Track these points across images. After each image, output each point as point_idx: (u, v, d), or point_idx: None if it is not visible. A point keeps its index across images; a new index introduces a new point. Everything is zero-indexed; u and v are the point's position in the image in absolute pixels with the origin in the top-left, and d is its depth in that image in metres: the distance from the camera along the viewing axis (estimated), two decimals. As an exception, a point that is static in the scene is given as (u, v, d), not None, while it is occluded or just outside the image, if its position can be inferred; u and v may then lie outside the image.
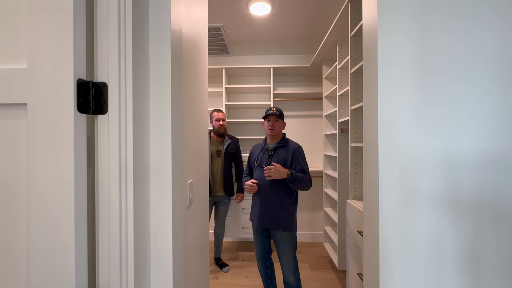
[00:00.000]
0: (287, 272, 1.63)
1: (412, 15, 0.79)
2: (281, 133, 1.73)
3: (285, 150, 1.65)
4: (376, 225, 0.81)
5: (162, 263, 0.75)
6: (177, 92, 0.80)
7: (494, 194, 0.78)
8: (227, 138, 2.43)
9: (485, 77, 0.78)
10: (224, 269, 2.39)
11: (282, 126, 1.70)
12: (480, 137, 0.78)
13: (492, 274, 0.78)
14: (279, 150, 1.67)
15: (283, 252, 1.62)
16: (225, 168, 2.37)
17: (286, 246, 1.62)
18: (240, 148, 2.54)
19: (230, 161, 2.42)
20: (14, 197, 0.58)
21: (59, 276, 0.56)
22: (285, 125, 1.73)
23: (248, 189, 1.68)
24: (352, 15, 1.74)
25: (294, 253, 1.63)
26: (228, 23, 2.42)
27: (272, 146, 1.70)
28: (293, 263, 1.63)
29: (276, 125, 1.67)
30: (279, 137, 1.72)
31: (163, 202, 0.75)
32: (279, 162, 1.62)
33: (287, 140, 1.72)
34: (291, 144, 1.68)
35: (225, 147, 2.39)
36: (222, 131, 2.35)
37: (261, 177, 1.66)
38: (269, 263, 1.78)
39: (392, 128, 0.80)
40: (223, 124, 2.36)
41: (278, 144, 1.68)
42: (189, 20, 0.94)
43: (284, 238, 1.61)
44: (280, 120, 1.68)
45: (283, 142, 1.69)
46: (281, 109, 1.74)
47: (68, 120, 0.55)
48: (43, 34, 0.55)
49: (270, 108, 1.71)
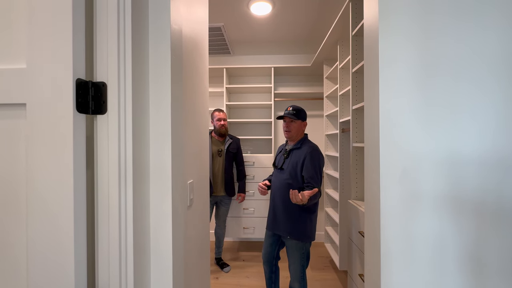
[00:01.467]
0: (293, 280, 1.59)
1: (414, 15, 0.79)
2: (301, 134, 1.64)
3: (298, 152, 1.57)
4: (378, 225, 0.80)
5: (162, 264, 0.75)
6: (177, 91, 0.80)
7: (496, 195, 0.77)
8: (228, 138, 2.43)
9: (487, 77, 0.77)
10: (225, 269, 2.39)
11: (301, 127, 1.61)
12: (482, 137, 0.77)
13: (495, 275, 0.77)
14: (294, 152, 1.60)
15: (292, 260, 1.58)
16: (226, 168, 2.37)
17: (294, 254, 1.56)
18: (241, 148, 2.54)
19: (231, 161, 2.42)
20: (13, 197, 0.57)
21: (59, 276, 0.56)
22: (305, 125, 1.63)
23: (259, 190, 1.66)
24: (353, 15, 1.73)
25: (302, 263, 1.56)
26: (229, 23, 2.41)
27: (290, 147, 1.64)
28: (300, 272, 1.57)
29: (292, 127, 1.59)
30: (297, 138, 1.63)
31: (163, 202, 0.75)
32: (291, 165, 1.56)
33: (304, 141, 1.62)
34: (306, 147, 1.58)
35: (226, 147, 2.39)
36: (223, 131, 2.35)
37: (277, 179, 1.61)
38: (274, 268, 1.72)
39: (393, 128, 0.79)
40: (225, 124, 2.37)
41: (295, 146, 1.61)
42: (189, 20, 0.94)
43: (292, 246, 1.56)
44: (298, 121, 1.59)
45: (299, 144, 1.61)
46: (300, 108, 1.63)
47: (67, 120, 0.55)
48: (42, 34, 0.55)
49: (287, 108, 1.62)
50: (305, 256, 1.58)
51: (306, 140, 1.64)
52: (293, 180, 1.55)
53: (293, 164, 1.55)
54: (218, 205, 2.45)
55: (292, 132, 1.59)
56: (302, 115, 1.61)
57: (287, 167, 1.57)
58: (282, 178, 1.58)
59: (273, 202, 1.62)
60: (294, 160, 1.56)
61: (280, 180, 1.59)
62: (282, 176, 1.59)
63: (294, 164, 1.55)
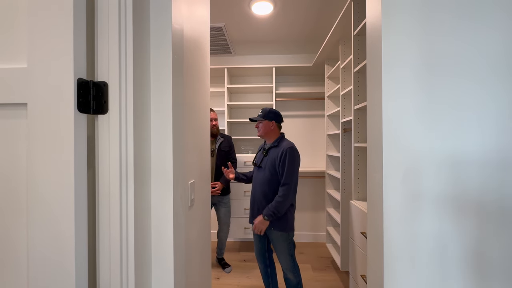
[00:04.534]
0: (286, 271, 1.66)
1: (417, 14, 0.78)
2: (275, 133, 1.75)
3: (276, 150, 1.68)
4: (381, 226, 0.80)
5: (163, 264, 0.75)
6: (178, 91, 0.79)
7: (499, 195, 0.76)
8: (220, 137, 2.42)
9: (491, 77, 0.77)
10: (226, 269, 2.38)
11: (269, 126, 1.72)
12: (486, 137, 0.77)
13: (498, 276, 0.76)
14: (272, 150, 1.71)
15: (279, 252, 1.65)
16: (219, 166, 2.35)
17: (281, 245, 1.64)
18: (234, 146, 2.51)
19: (223, 159, 2.38)
20: (14, 197, 0.57)
21: (60, 277, 0.56)
22: (272, 124, 1.73)
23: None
24: (355, 14, 1.72)
25: (290, 252, 1.65)
26: (230, 23, 2.41)
27: (268, 146, 1.76)
28: (290, 261, 1.64)
29: (260, 126, 1.73)
30: (273, 137, 1.75)
31: (164, 202, 0.75)
32: (270, 163, 1.67)
33: (281, 140, 1.73)
34: (283, 145, 1.68)
35: (218, 145, 2.37)
36: (215, 131, 2.35)
37: (256, 175, 1.74)
38: (269, 262, 1.79)
39: (396, 128, 0.78)
40: (216, 124, 2.36)
41: (272, 144, 1.73)
42: (190, 19, 0.93)
43: (278, 237, 1.63)
44: (264, 121, 1.72)
45: (276, 142, 1.72)
46: (270, 109, 1.76)
47: (69, 120, 0.55)
48: (43, 33, 0.55)
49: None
50: (292, 245, 1.67)
51: (283, 138, 1.75)
52: (272, 176, 1.66)
53: (271, 161, 1.67)
54: (218, 207, 2.43)
55: (262, 131, 1.73)
56: (270, 116, 1.73)
57: (266, 164, 1.69)
58: (262, 175, 1.70)
59: (253, 198, 1.73)
60: (272, 157, 1.68)
61: (261, 177, 1.70)
62: (262, 173, 1.70)
63: (272, 161, 1.67)
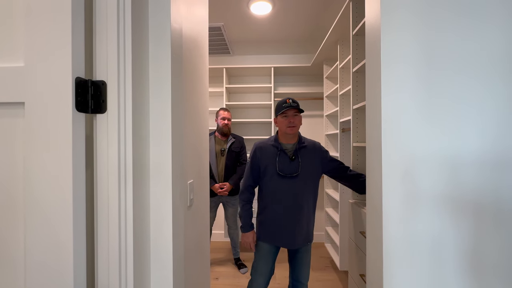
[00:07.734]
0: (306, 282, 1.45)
1: (417, 11, 0.78)
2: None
3: (308, 151, 1.34)
4: (380, 226, 0.80)
5: (162, 264, 0.74)
6: (177, 91, 0.79)
7: (498, 196, 0.76)
8: (231, 137, 2.42)
9: (491, 75, 0.76)
10: (241, 270, 2.36)
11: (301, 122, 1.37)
12: (486, 137, 0.77)
13: (495, 276, 0.76)
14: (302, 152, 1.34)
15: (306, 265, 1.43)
16: (229, 167, 2.35)
17: (309, 256, 1.44)
18: (245, 147, 2.52)
19: (234, 160, 2.39)
20: (11, 198, 0.57)
21: (57, 279, 0.55)
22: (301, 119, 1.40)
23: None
24: (354, 14, 1.72)
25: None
26: (229, 23, 2.41)
27: (291, 147, 1.35)
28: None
29: (297, 121, 1.32)
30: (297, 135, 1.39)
31: (163, 202, 0.74)
32: (307, 167, 1.31)
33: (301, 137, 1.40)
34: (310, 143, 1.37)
35: (229, 146, 2.37)
36: (226, 130, 2.35)
37: (283, 188, 1.31)
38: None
39: (396, 127, 0.78)
40: (228, 123, 2.37)
41: (299, 144, 1.34)
42: (189, 19, 0.93)
43: (307, 250, 1.43)
44: (299, 114, 1.34)
45: (302, 141, 1.36)
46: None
47: (66, 119, 0.54)
48: (40, 32, 0.54)
49: (285, 100, 1.32)
50: None
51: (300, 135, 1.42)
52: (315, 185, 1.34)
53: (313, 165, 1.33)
54: (226, 207, 2.44)
55: (298, 126, 1.33)
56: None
57: (304, 171, 1.32)
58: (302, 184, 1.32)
59: (285, 213, 1.32)
60: (309, 161, 1.33)
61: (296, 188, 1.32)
62: (296, 182, 1.32)
63: (314, 165, 1.33)
